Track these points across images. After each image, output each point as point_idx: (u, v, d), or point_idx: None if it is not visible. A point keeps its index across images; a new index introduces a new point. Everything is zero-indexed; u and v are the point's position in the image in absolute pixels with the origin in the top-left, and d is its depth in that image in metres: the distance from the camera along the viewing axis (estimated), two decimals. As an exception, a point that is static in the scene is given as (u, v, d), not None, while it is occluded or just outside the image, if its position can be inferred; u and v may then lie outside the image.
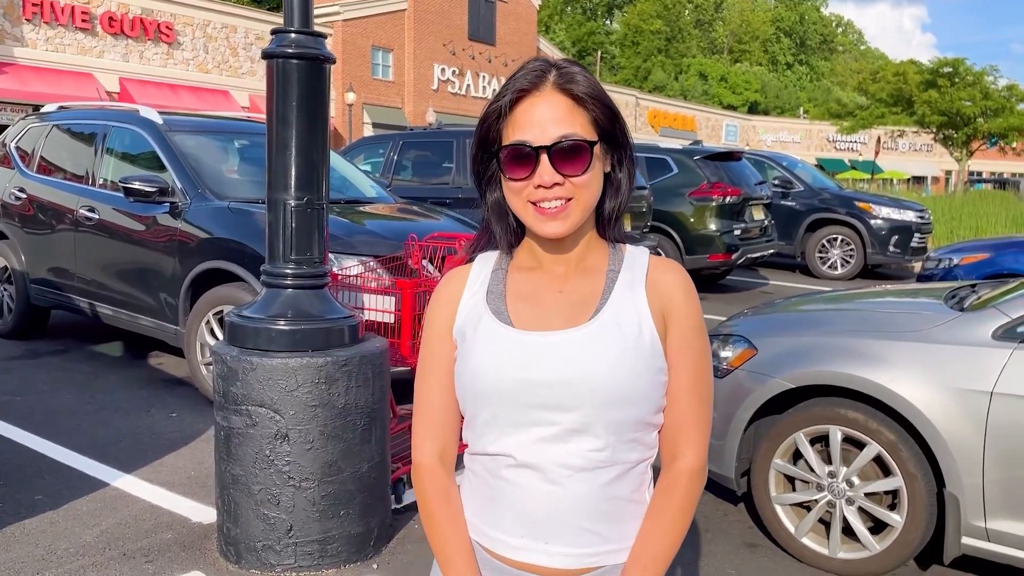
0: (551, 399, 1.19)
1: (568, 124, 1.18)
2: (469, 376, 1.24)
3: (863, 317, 3.56)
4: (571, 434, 1.19)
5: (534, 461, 1.20)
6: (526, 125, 1.19)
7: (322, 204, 3.10)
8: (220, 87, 26.48)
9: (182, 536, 3.34)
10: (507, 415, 1.21)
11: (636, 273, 1.26)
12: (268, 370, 2.92)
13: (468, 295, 1.29)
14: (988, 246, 7.90)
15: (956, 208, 17.74)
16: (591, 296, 1.24)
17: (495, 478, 1.24)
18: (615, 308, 1.22)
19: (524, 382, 1.20)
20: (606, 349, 1.19)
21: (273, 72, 3.01)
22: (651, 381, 1.21)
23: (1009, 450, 2.79)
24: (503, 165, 1.21)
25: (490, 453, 1.24)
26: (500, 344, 1.22)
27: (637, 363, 1.19)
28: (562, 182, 1.17)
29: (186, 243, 5.09)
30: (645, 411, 1.21)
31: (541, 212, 1.19)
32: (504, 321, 1.24)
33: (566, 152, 1.17)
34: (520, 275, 1.29)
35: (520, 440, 1.21)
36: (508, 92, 1.20)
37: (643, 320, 1.22)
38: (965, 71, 34.00)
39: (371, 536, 3.15)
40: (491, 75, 36.67)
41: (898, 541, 3.05)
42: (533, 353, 1.21)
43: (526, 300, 1.26)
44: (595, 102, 1.21)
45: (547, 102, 1.19)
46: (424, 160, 8.86)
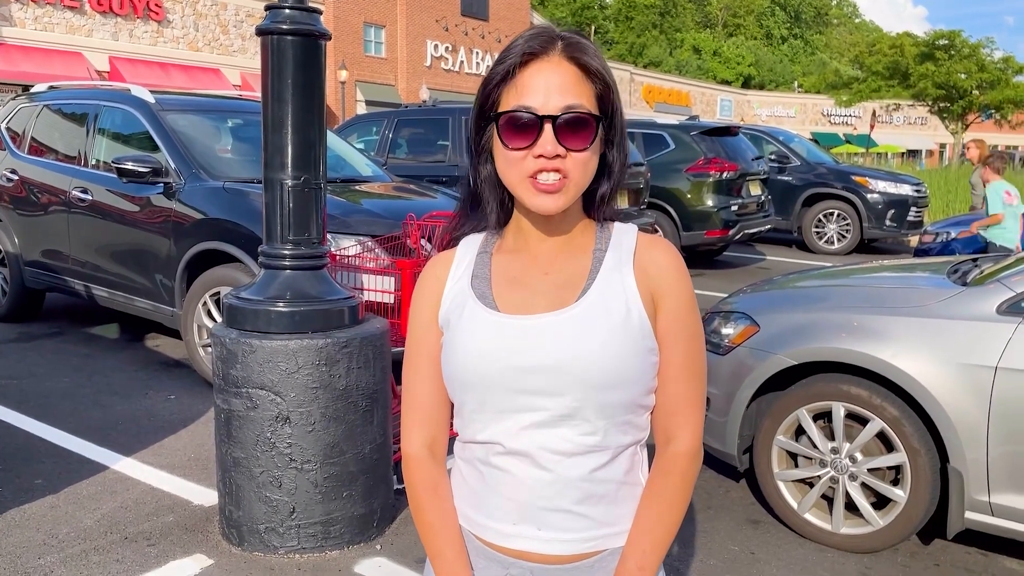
0: (539, 384, 1.16)
1: (575, 95, 1.13)
2: (455, 364, 1.20)
3: (865, 293, 3.54)
4: (561, 419, 1.16)
5: (524, 448, 1.17)
6: (530, 90, 1.12)
7: (320, 184, 3.06)
8: (211, 65, 26.25)
9: (184, 519, 3.32)
10: (495, 402, 1.18)
11: (623, 252, 1.22)
12: (268, 352, 2.89)
13: (452, 281, 1.25)
14: (985, 220, 7.88)
15: (952, 181, 17.74)
16: (577, 277, 1.20)
17: (485, 466, 1.22)
18: (601, 289, 1.18)
19: (511, 368, 1.16)
20: (593, 331, 1.15)
21: (268, 49, 2.96)
22: (641, 362, 1.17)
23: (1013, 425, 2.79)
24: (501, 132, 1.14)
25: (479, 441, 1.21)
26: (486, 330, 1.19)
27: (626, 344, 1.16)
28: (564, 155, 1.12)
29: (181, 224, 5.04)
30: (636, 393, 1.18)
31: (537, 186, 1.13)
32: (489, 306, 1.21)
33: (572, 124, 1.12)
34: (506, 257, 1.25)
35: (509, 427, 1.18)
36: (514, 55, 1.13)
37: (631, 300, 1.18)
38: (961, 43, 33.87)
39: (374, 517, 3.14)
40: (484, 51, 36.41)
41: (901, 516, 3.05)
42: (519, 338, 1.17)
43: (512, 283, 1.22)
44: (600, 77, 1.16)
45: (555, 69, 1.13)
46: (419, 138, 8.79)
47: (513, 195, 1.18)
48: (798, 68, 73.33)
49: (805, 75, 69.58)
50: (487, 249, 1.27)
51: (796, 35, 79.60)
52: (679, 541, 3.24)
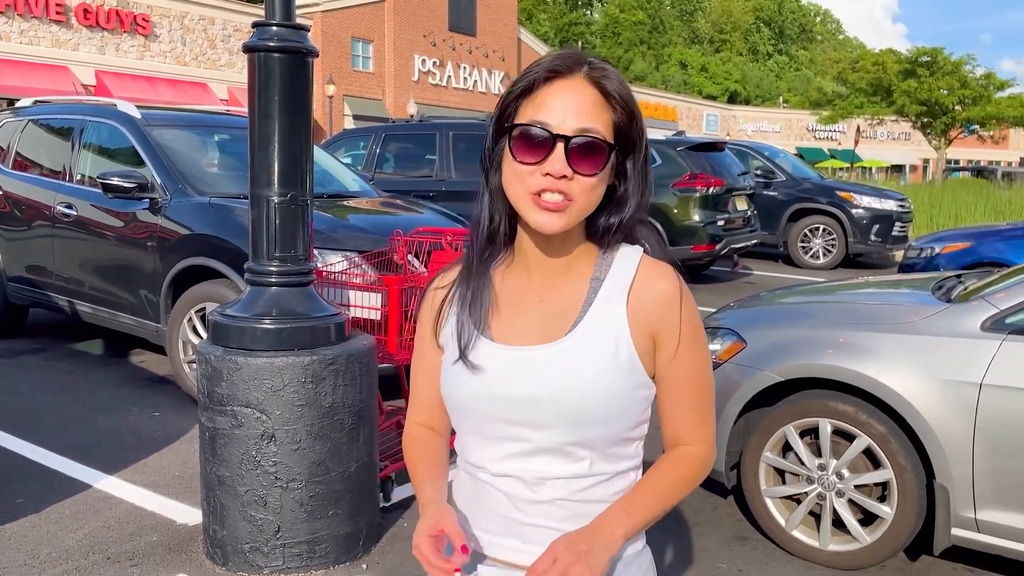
0: (524, 416, 1.17)
1: (592, 118, 1.12)
2: (448, 387, 1.24)
3: (851, 309, 3.56)
4: (544, 451, 1.18)
5: (509, 473, 1.20)
6: (548, 107, 1.11)
7: (306, 200, 3.05)
8: (198, 80, 26.23)
9: (167, 538, 3.29)
10: (482, 428, 1.21)
11: (621, 282, 1.19)
12: (253, 370, 2.87)
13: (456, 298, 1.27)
14: (969, 235, 7.95)
15: (935, 197, 17.88)
16: (570, 308, 1.20)
17: (476, 480, 1.25)
18: (592, 323, 1.17)
19: (498, 398, 1.18)
20: (579, 367, 1.15)
21: (255, 66, 2.95)
22: (629, 398, 1.17)
23: (998, 441, 2.80)
24: (513, 145, 1.13)
25: (471, 462, 1.25)
26: (477, 357, 1.20)
27: (613, 381, 1.15)
28: (571, 177, 1.11)
29: (166, 239, 5.01)
30: (622, 428, 1.18)
31: (540, 204, 1.12)
32: (483, 333, 1.22)
33: (584, 148, 1.11)
34: (505, 280, 1.25)
35: (494, 453, 1.21)
36: (538, 70, 1.13)
37: (620, 335, 1.16)
38: (943, 60, 34.27)
39: (360, 536, 3.12)
40: (472, 66, 36.57)
41: (888, 533, 3.05)
42: (508, 368, 1.18)
43: (507, 309, 1.23)
44: (622, 105, 1.14)
45: (576, 90, 1.12)
46: (407, 153, 8.80)
47: (515, 209, 1.17)
48: (783, 84, 74.00)
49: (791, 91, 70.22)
50: (489, 269, 1.26)
51: (781, 51, 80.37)
52: (667, 558, 3.23)
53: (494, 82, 37.69)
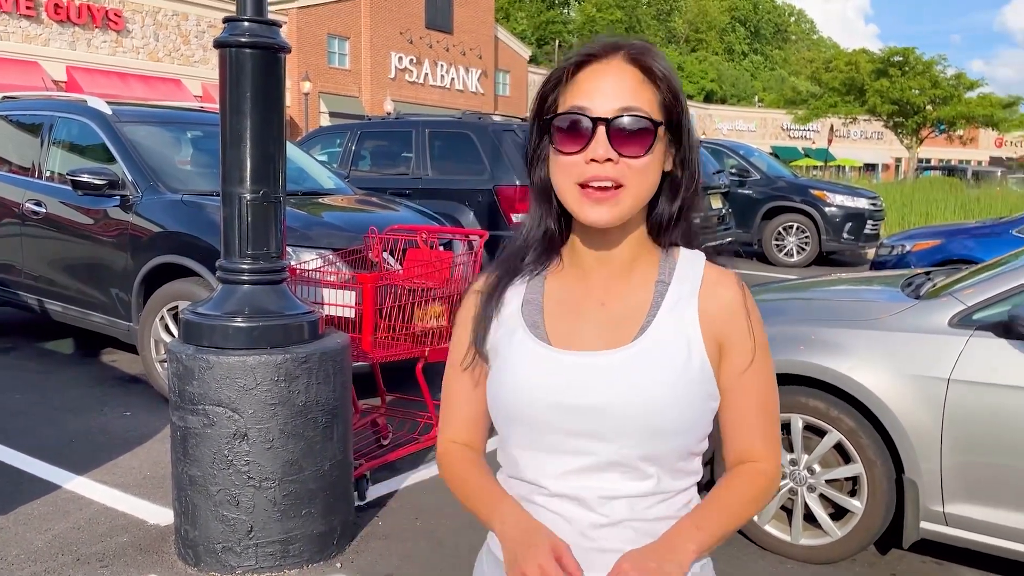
0: (588, 427, 1.08)
1: (633, 97, 1.05)
2: (501, 396, 1.14)
3: (823, 306, 3.60)
4: (610, 465, 1.09)
5: (569, 492, 1.10)
6: (587, 92, 1.06)
7: (278, 197, 3.03)
8: (172, 76, 25.95)
9: (138, 539, 3.25)
10: (540, 441, 1.11)
11: (688, 286, 1.13)
12: (225, 368, 2.85)
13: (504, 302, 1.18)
14: (939, 233, 8.07)
15: (907, 195, 18.09)
16: (636, 311, 1.12)
17: (529, 503, 1.14)
18: (662, 327, 1.10)
19: (558, 407, 1.09)
20: (651, 374, 1.07)
21: (226, 62, 2.92)
22: (699, 410, 1.10)
23: (966, 436, 2.84)
24: (554, 135, 1.07)
25: (524, 479, 1.15)
26: (535, 364, 1.11)
27: (684, 391, 1.08)
28: (616, 160, 1.04)
29: (138, 237, 4.95)
30: (691, 441, 1.11)
31: (588, 195, 1.05)
32: (540, 337, 1.13)
33: (627, 128, 1.04)
34: (561, 281, 1.17)
35: (553, 469, 1.11)
36: (574, 56, 1.09)
37: (692, 342, 1.10)
38: (915, 60, 34.68)
39: (334, 535, 3.10)
40: (449, 64, 36.48)
41: (859, 527, 3.09)
42: (570, 375, 1.09)
43: (565, 312, 1.14)
44: (666, 83, 1.08)
45: (615, 71, 1.06)
46: (383, 150, 8.75)
47: (564, 206, 1.10)
48: (759, 83, 74.56)
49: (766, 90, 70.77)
50: (541, 271, 1.19)
51: (756, 51, 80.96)
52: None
53: (471, 80, 37.63)
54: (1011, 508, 2.80)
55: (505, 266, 1.20)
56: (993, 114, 34.77)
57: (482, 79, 38.17)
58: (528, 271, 1.18)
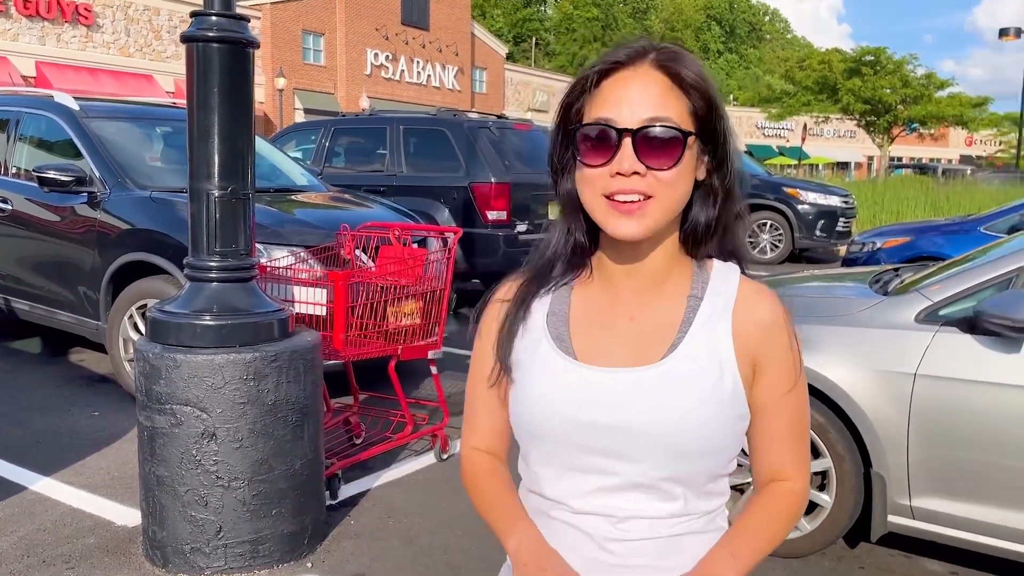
0: (613, 446, 1.05)
1: (661, 107, 1.02)
2: (523, 411, 1.10)
3: (793, 303, 3.61)
4: (634, 487, 1.06)
5: (591, 511, 1.07)
6: (612, 102, 1.02)
7: (248, 194, 3.00)
8: (143, 71, 25.63)
9: (105, 540, 3.21)
10: (563, 458, 1.08)
11: (722, 302, 1.08)
12: (193, 367, 2.81)
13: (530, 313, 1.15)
14: (908, 230, 8.17)
15: (878, 193, 18.31)
16: (667, 327, 1.08)
17: (549, 519, 1.11)
18: (693, 345, 1.06)
19: (582, 424, 1.05)
20: (680, 395, 1.03)
21: (193, 57, 2.89)
22: (730, 431, 1.06)
23: (932, 430, 2.88)
24: (579, 147, 1.04)
25: (546, 496, 1.11)
26: (559, 378, 1.08)
27: (715, 412, 1.04)
28: (643, 173, 1.00)
29: (106, 235, 4.89)
30: (720, 463, 1.08)
31: (615, 207, 1.01)
32: (566, 351, 1.09)
33: (654, 139, 1.00)
34: (588, 293, 1.13)
35: (576, 487, 1.08)
36: (599, 63, 1.05)
37: (725, 361, 1.05)
38: (886, 60, 35.06)
39: (305, 534, 3.08)
40: (425, 60, 36.37)
41: (828, 521, 3.12)
42: (595, 392, 1.06)
43: (592, 326, 1.11)
44: (698, 90, 1.04)
45: (642, 79, 1.02)
46: (357, 147, 8.71)
47: (592, 219, 1.07)
48: (734, 82, 75.06)
49: (741, 89, 71.26)
50: (568, 281, 1.15)
51: (731, 49, 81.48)
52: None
53: (448, 77, 37.53)
54: (976, 502, 2.84)
55: (532, 275, 1.16)
56: (963, 113, 35.27)
57: (459, 76, 38.08)
58: (555, 281, 1.15)
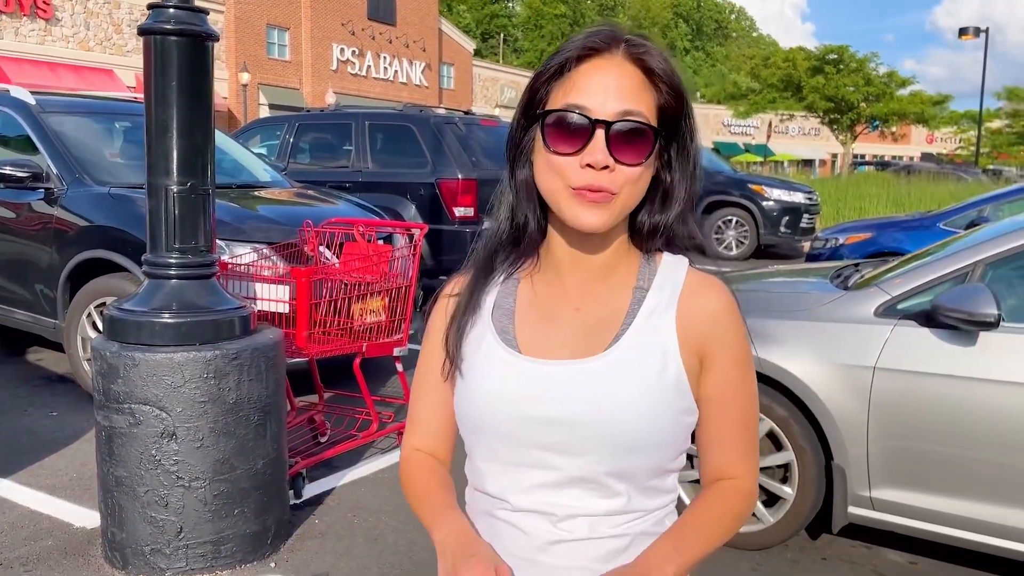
0: (555, 440, 1.02)
1: (634, 100, 0.99)
2: (466, 405, 1.09)
3: (756, 298, 3.65)
4: (575, 482, 1.04)
5: (533, 507, 1.05)
6: (585, 89, 0.98)
7: (208, 190, 2.95)
8: (103, 66, 25.17)
9: (64, 543, 3.15)
10: (505, 453, 1.06)
11: (667, 293, 1.07)
12: (152, 366, 2.77)
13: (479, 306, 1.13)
14: (870, 226, 8.30)
15: (842, 189, 18.57)
16: (611, 319, 1.06)
17: (493, 518, 1.09)
18: (637, 337, 1.04)
19: (525, 418, 1.03)
20: (622, 385, 1.02)
21: (150, 50, 2.84)
22: (674, 424, 1.04)
23: (891, 422, 2.92)
24: (547, 134, 1.00)
25: (488, 493, 1.10)
26: (502, 372, 1.06)
27: (658, 403, 1.02)
28: (613, 168, 0.98)
29: (63, 231, 4.79)
30: (664, 458, 1.06)
31: (580, 197, 0.98)
32: (509, 344, 1.08)
33: (627, 134, 0.98)
34: (534, 286, 1.11)
35: (517, 483, 1.06)
36: (571, 48, 1.00)
37: (669, 352, 1.04)
38: (849, 58, 35.55)
39: (268, 534, 3.04)
40: (392, 56, 36.16)
41: (790, 513, 3.15)
42: (538, 385, 1.04)
43: (537, 319, 1.09)
44: (668, 85, 1.02)
45: (616, 69, 0.99)
46: (322, 143, 8.63)
47: (551, 207, 1.04)
48: (701, 80, 75.65)
49: (707, 86, 71.83)
50: (514, 274, 1.13)
51: (698, 47, 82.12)
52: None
53: (415, 72, 37.35)
54: (934, 492, 2.89)
55: (477, 268, 1.14)
56: (924, 111, 35.87)
57: (426, 72, 37.92)
58: (501, 272, 1.13)
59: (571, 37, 1.03)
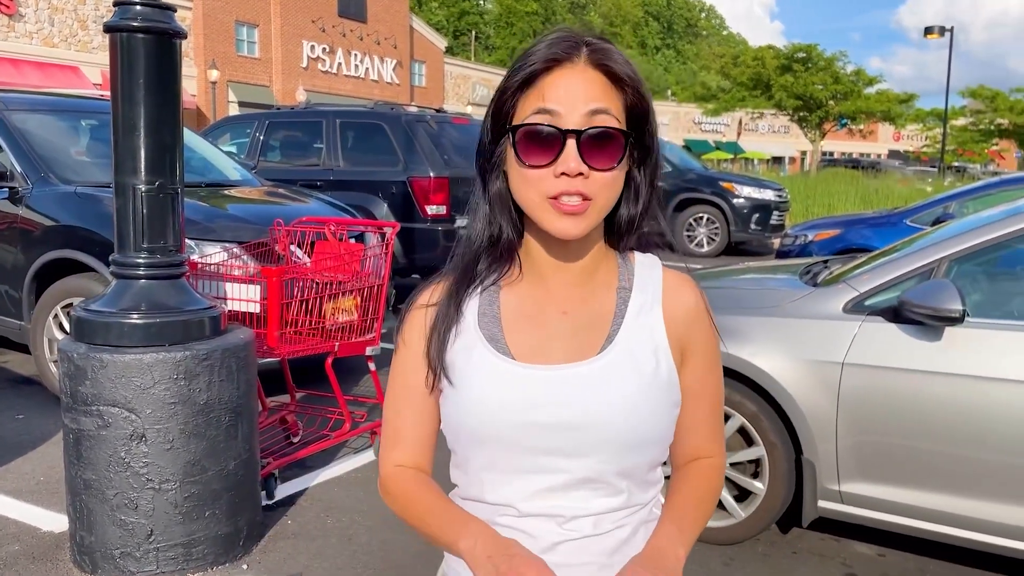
0: (559, 444, 1.03)
1: (603, 105, 1.01)
2: (462, 416, 1.07)
3: (727, 295, 3.69)
4: (582, 483, 1.05)
5: (539, 512, 1.06)
6: (552, 100, 0.99)
7: (176, 189, 2.92)
8: (69, 63, 24.78)
9: (31, 547, 3.10)
10: (507, 461, 1.06)
11: (651, 292, 1.10)
12: (120, 367, 2.73)
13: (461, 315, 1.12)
14: (839, 223, 8.41)
15: (811, 187, 18.76)
16: (600, 320, 1.08)
17: (496, 525, 1.07)
18: (629, 337, 1.06)
19: (527, 425, 1.03)
20: (622, 386, 1.04)
21: (117, 47, 2.79)
22: (669, 418, 1.08)
23: (859, 417, 2.96)
24: (518, 148, 1.00)
25: (488, 502, 1.09)
26: (500, 380, 1.05)
27: (656, 401, 1.05)
28: (587, 174, 0.99)
29: (29, 231, 4.71)
30: (660, 452, 1.10)
31: (557, 207, 0.99)
32: (502, 351, 1.07)
33: (599, 140, 0.99)
34: (517, 291, 1.11)
35: (522, 489, 1.06)
36: (535, 60, 1.01)
37: (660, 350, 1.07)
38: (817, 56, 35.96)
39: (240, 536, 3.02)
40: (363, 53, 35.97)
41: (761, 507, 3.19)
42: (538, 391, 1.04)
43: (526, 323, 1.09)
44: (632, 86, 1.03)
45: (580, 76, 1.00)
46: (293, 140, 8.56)
47: (529, 217, 1.05)
48: (671, 78, 76.11)
49: (678, 84, 72.29)
50: (495, 281, 1.12)
51: (669, 45, 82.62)
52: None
53: (386, 70, 37.18)
54: (901, 485, 2.93)
55: (456, 277, 1.12)
56: (891, 109, 36.39)
57: (397, 69, 37.76)
58: (481, 280, 1.12)
59: (531, 47, 1.03)
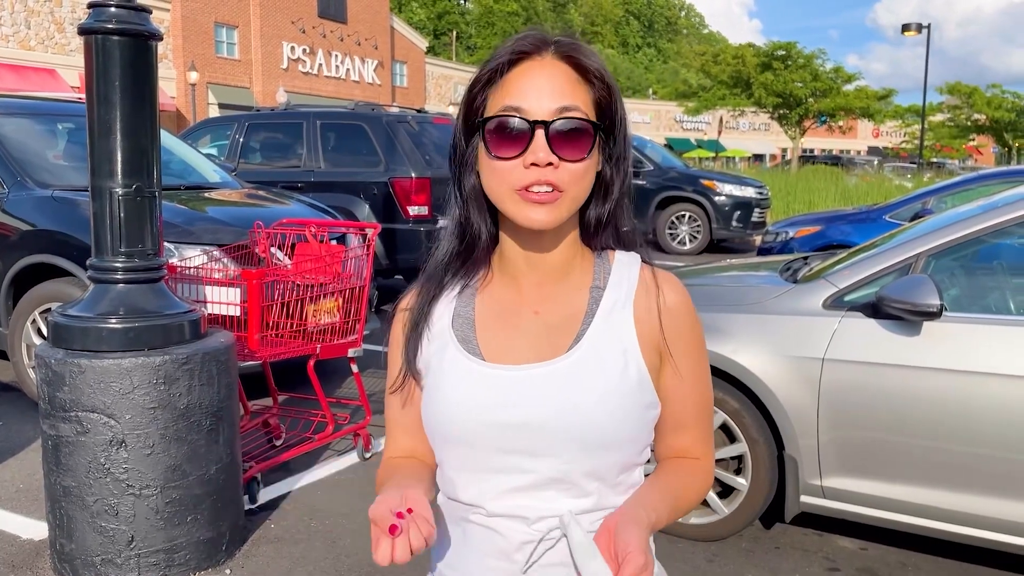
0: (525, 444, 1.04)
1: (571, 97, 1.01)
2: (434, 416, 1.09)
3: (708, 292, 3.70)
4: (549, 483, 1.04)
5: (507, 512, 1.06)
6: (520, 92, 1.00)
7: (154, 192, 2.89)
8: (45, 65, 24.53)
9: (10, 555, 3.06)
10: (476, 460, 1.07)
11: (624, 291, 1.09)
12: (99, 372, 2.70)
13: (433, 318, 1.13)
14: (819, 219, 8.46)
15: (791, 184, 18.89)
16: (571, 319, 1.08)
17: (469, 523, 1.09)
18: (597, 337, 1.06)
19: (494, 424, 1.04)
20: (587, 386, 1.03)
21: (92, 50, 2.77)
22: (639, 420, 1.06)
23: (840, 412, 2.98)
24: (488, 140, 1.01)
25: (461, 502, 1.09)
26: (467, 380, 1.07)
27: (623, 401, 1.04)
28: (556, 165, 0.99)
29: (5, 236, 4.66)
30: (632, 453, 1.07)
31: (526, 197, 1.00)
32: (472, 352, 1.08)
33: (567, 131, 1.00)
34: (492, 293, 1.12)
35: (491, 488, 1.06)
36: (503, 54, 1.02)
37: (629, 350, 1.06)
38: (797, 54, 36.19)
39: (223, 540, 3.00)
40: (344, 54, 35.85)
41: (744, 503, 3.21)
42: (504, 390, 1.05)
43: (498, 324, 1.10)
44: (601, 79, 1.04)
45: (548, 69, 1.01)
46: (273, 142, 8.51)
47: (500, 211, 1.05)
48: (652, 76, 76.35)
49: (659, 82, 72.52)
50: (471, 283, 1.13)
51: (650, 44, 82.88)
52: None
53: (367, 71, 37.06)
54: (882, 480, 2.96)
55: (431, 279, 1.14)
56: (869, 106, 36.69)
57: (378, 70, 37.65)
58: (457, 283, 1.13)
59: (500, 45, 1.04)
